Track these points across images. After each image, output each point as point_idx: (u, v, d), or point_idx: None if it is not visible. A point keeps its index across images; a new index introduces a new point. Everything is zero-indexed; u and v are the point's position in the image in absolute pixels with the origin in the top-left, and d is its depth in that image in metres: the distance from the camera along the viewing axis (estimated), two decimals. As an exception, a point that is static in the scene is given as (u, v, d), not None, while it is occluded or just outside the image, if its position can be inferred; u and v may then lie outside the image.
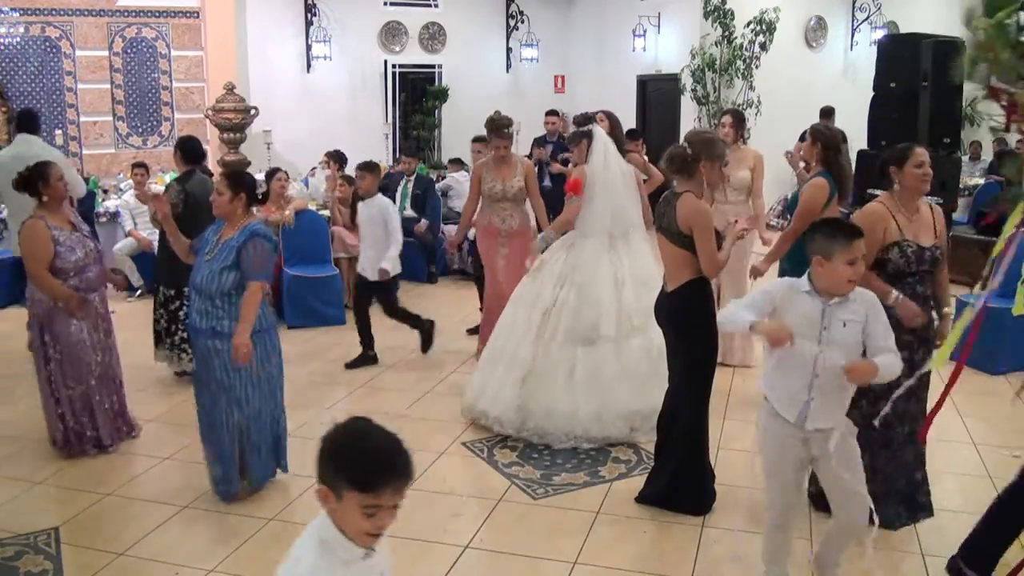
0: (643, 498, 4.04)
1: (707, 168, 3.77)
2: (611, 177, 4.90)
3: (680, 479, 3.93)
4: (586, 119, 5.22)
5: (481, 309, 6.45)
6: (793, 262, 4.87)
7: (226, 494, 4.03)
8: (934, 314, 3.73)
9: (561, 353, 4.69)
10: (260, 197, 4.05)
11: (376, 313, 6.25)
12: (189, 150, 5.78)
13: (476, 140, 7.29)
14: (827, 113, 10.58)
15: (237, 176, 4.03)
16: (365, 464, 1.75)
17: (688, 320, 3.84)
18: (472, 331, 6.75)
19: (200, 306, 3.92)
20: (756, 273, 4.77)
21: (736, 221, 3.99)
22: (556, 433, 4.63)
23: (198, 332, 3.95)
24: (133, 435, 4.85)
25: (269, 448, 4.15)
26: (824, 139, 4.59)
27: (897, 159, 3.67)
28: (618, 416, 4.64)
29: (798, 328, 2.84)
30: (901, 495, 3.81)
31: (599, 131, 5.01)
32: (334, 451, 1.79)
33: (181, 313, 5.59)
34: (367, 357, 6.20)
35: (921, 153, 3.66)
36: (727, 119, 6.05)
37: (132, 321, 6.66)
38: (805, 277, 2.93)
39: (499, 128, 5.84)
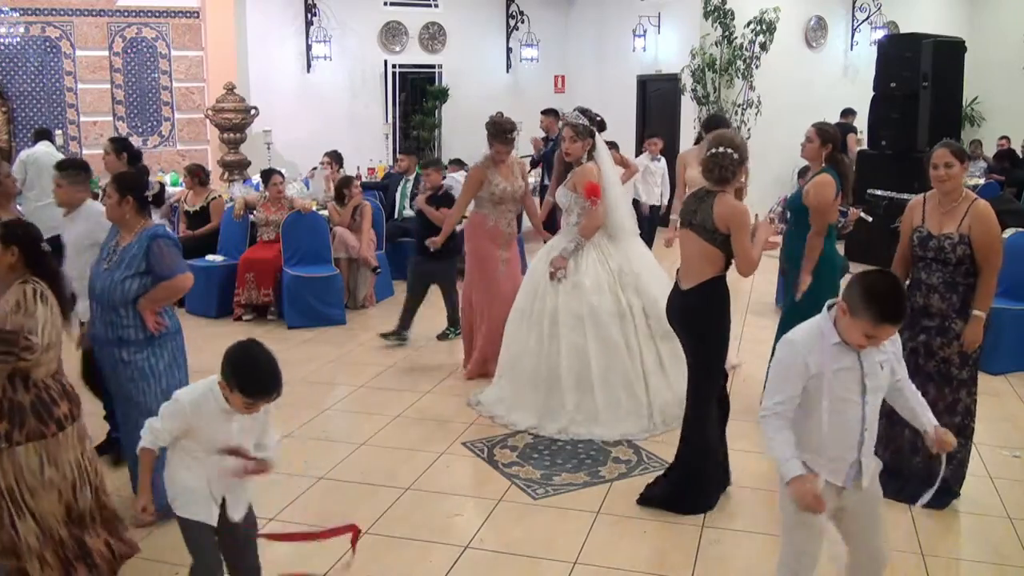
0: (645, 500, 4.03)
1: (743, 171, 3.92)
2: (614, 176, 5.05)
3: (681, 479, 3.95)
4: (599, 121, 5.11)
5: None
6: (793, 261, 4.91)
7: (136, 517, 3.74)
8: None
9: (650, 353, 4.86)
10: (151, 200, 3.83)
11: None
12: (133, 150, 5.82)
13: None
14: (848, 112, 10.78)
15: (123, 179, 3.83)
16: (248, 379, 2.60)
17: (703, 319, 3.84)
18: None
19: (104, 316, 3.71)
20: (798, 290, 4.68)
21: (770, 218, 4.16)
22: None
23: (103, 343, 3.75)
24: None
25: None
26: (831, 138, 4.73)
27: (927, 158, 3.95)
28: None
29: (841, 386, 2.54)
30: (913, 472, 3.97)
31: (596, 134, 5.05)
32: (232, 362, 2.62)
33: None
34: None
35: (937, 156, 3.87)
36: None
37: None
38: (830, 324, 2.56)
39: (503, 133, 5.62)
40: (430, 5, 12.79)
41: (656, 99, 12.39)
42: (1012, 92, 12.23)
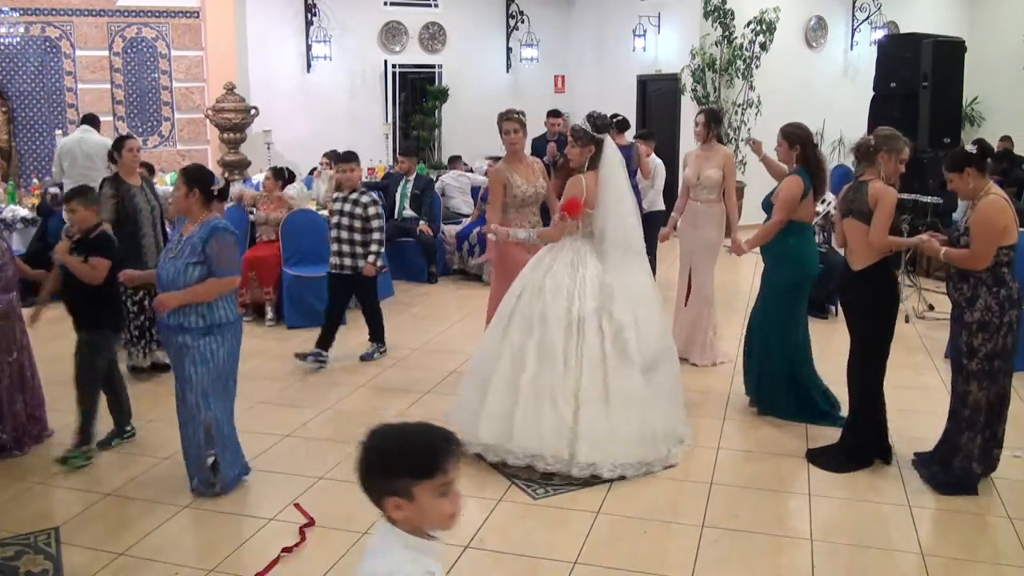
0: (812, 457, 4.48)
1: (885, 158, 4.26)
2: (621, 190, 4.58)
3: (860, 434, 4.38)
4: (604, 125, 4.63)
5: None
6: (766, 252, 5.00)
7: (204, 490, 4.09)
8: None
9: (594, 379, 4.30)
10: (217, 193, 4.04)
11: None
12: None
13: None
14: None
15: (192, 172, 4.09)
16: (421, 453, 1.77)
17: (872, 298, 4.26)
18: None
19: None
20: (739, 250, 5.20)
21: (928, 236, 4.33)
22: (603, 463, 4.21)
23: (168, 329, 3.98)
24: (47, 435, 4.79)
25: (235, 447, 4.18)
26: (799, 139, 4.94)
27: None
28: (653, 436, 4.39)
29: None
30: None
31: (609, 141, 4.62)
32: (384, 461, 1.75)
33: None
34: None
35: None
36: (700, 118, 6.10)
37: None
38: None
39: (508, 112, 5.49)
40: (430, 5, 12.79)
41: (656, 99, 12.39)
42: (1012, 92, 12.22)
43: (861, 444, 4.40)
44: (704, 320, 6.11)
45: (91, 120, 8.33)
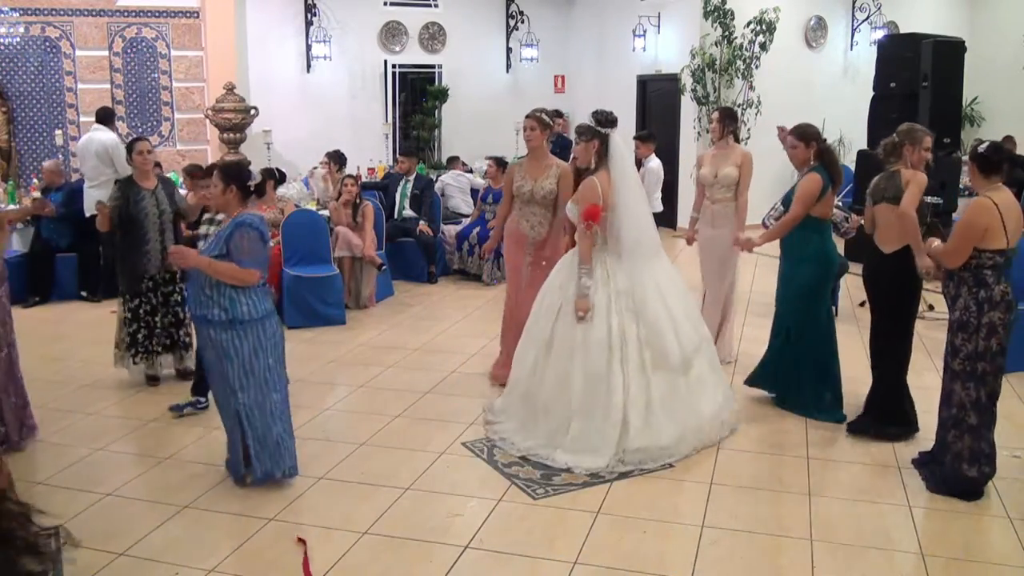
0: (853, 428, 4.77)
1: (909, 150, 4.54)
2: (633, 186, 4.65)
3: (888, 402, 4.70)
4: (608, 120, 4.63)
5: None
6: (785, 252, 5.01)
7: (236, 475, 4.23)
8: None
9: (639, 390, 4.45)
10: (253, 189, 4.15)
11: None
12: None
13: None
14: None
15: (228, 169, 4.19)
16: None
17: (899, 279, 4.53)
18: None
19: (194, 295, 4.08)
20: (747, 246, 5.27)
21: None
22: (650, 464, 4.39)
23: (195, 320, 4.15)
24: (33, 433, 4.77)
25: (270, 446, 4.13)
26: (814, 136, 5.03)
27: None
28: (699, 428, 4.58)
29: None
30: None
31: (615, 136, 4.62)
32: None
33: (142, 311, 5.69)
34: None
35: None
36: (715, 115, 6.20)
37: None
38: None
39: (531, 111, 5.49)
40: (430, 5, 12.78)
41: (656, 99, 12.39)
42: (1012, 92, 12.22)
43: (896, 409, 4.70)
44: (728, 318, 6.20)
45: (103, 116, 8.38)
